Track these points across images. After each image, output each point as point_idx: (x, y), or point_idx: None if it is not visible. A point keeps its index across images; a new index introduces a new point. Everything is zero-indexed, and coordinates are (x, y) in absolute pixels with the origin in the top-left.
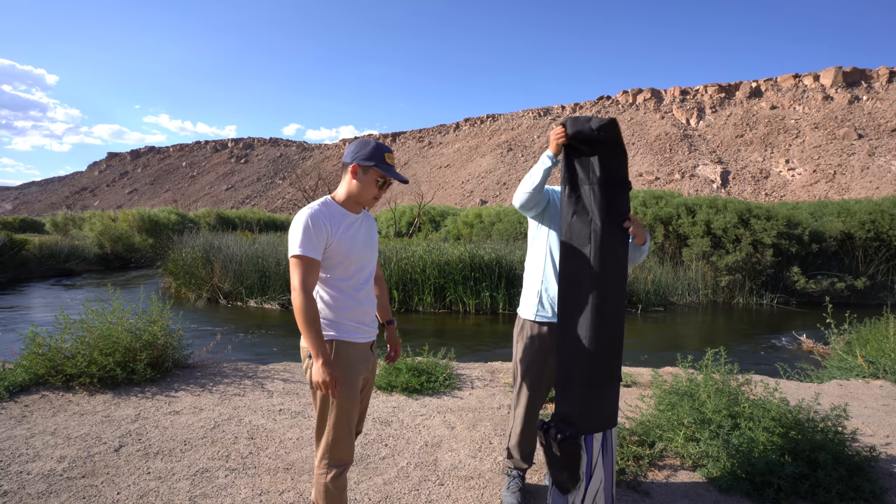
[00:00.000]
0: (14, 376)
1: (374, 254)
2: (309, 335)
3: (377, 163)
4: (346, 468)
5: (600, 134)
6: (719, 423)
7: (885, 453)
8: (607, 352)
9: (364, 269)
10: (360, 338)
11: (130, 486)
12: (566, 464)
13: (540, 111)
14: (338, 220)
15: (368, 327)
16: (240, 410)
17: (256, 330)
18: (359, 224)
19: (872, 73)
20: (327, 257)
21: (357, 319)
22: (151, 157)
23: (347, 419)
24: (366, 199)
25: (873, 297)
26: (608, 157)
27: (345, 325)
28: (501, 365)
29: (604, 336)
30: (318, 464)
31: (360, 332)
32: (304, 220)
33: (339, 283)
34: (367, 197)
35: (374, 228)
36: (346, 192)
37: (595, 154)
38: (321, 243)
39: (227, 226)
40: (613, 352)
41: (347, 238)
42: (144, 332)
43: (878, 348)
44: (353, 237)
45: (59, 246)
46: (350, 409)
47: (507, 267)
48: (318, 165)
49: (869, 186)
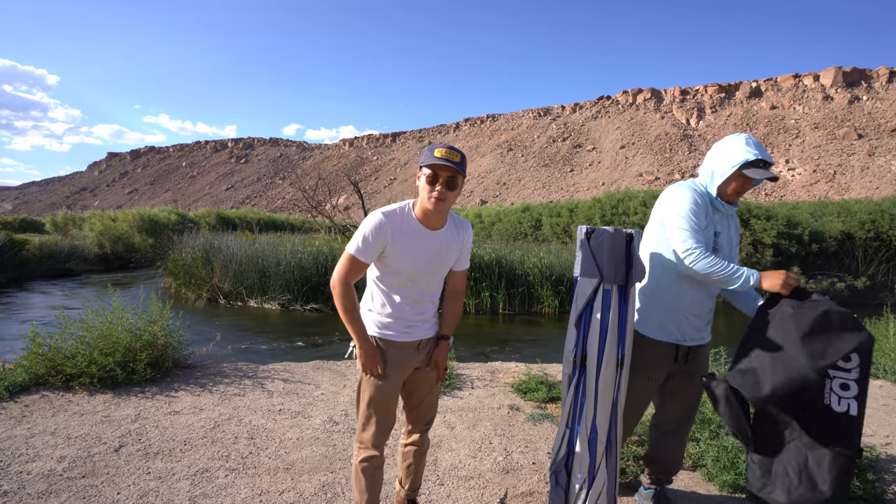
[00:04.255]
0: (14, 376)
1: (441, 271)
2: (347, 321)
3: (426, 161)
4: (375, 459)
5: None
6: (719, 423)
7: (885, 453)
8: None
9: (420, 283)
10: (401, 337)
11: (130, 486)
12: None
13: (540, 111)
14: (405, 232)
15: (414, 329)
16: (240, 410)
17: (256, 330)
18: (432, 240)
19: (872, 73)
20: (384, 264)
21: (400, 323)
22: (151, 157)
23: (375, 407)
24: (425, 202)
25: (873, 297)
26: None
27: (385, 323)
28: (501, 365)
29: None
30: (355, 444)
31: (401, 334)
32: (369, 224)
33: (390, 288)
34: (424, 198)
35: (456, 245)
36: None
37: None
38: (376, 250)
39: (227, 226)
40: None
41: (407, 253)
42: (144, 332)
43: (877, 348)
44: (414, 253)
45: (59, 246)
46: (378, 398)
47: (507, 267)
48: (318, 165)
49: (869, 186)
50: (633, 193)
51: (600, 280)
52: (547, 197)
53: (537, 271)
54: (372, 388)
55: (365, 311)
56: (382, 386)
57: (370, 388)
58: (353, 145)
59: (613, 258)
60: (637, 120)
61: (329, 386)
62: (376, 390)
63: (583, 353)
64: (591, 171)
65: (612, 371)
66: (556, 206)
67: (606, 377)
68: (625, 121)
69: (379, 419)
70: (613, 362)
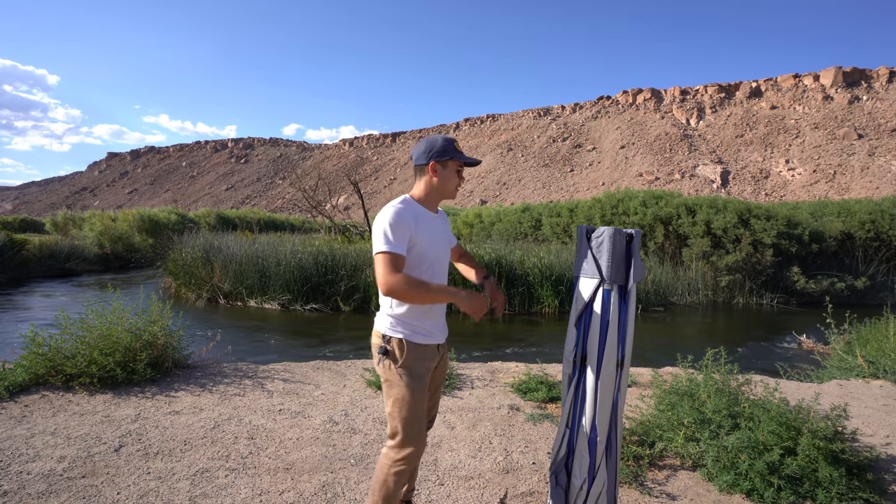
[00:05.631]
0: (14, 376)
1: (448, 251)
2: (430, 296)
3: (453, 154)
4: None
5: None
6: (719, 423)
7: (885, 453)
8: None
9: (438, 270)
10: (429, 340)
11: (130, 486)
12: None
13: (540, 111)
14: (419, 217)
15: (438, 332)
16: (240, 410)
17: (256, 330)
18: (437, 223)
19: (872, 73)
20: (413, 253)
21: (427, 324)
22: (151, 157)
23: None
24: (450, 191)
25: (873, 297)
26: None
27: (414, 326)
28: (501, 365)
29: None
30: (386, 449)
31: (429, 336)
32: (388, 217)
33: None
34: (450, 188)
35: (449, 226)
36: (425, 190)
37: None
38: (405, 237)
39: (227, 226)
40: None
41: (427, 237)
42: (144, 332)
43: (878, 348)
44: (431, 236)
45: (59, 246)
46: (419, 403)
47: (507, 267)
48: (318, 165)
49: (869, 186)
50: (633, 193)
51: (601, 281)
52: (547, 197)
53: (537, 271)
54: (414, 394)
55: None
56: (421, 390)
57: (412, 395)
58: (353, 145)
59: (614, 259)
60: (637, 120)
61: (329, 386)
62: (418, 395)
63: (583, 354)
64: (591, 171)
65: (611, 371)
66: (556, 206)
67: (606, 377)
68: (625, 121)
69: (420, 425)
70: (613, 362)
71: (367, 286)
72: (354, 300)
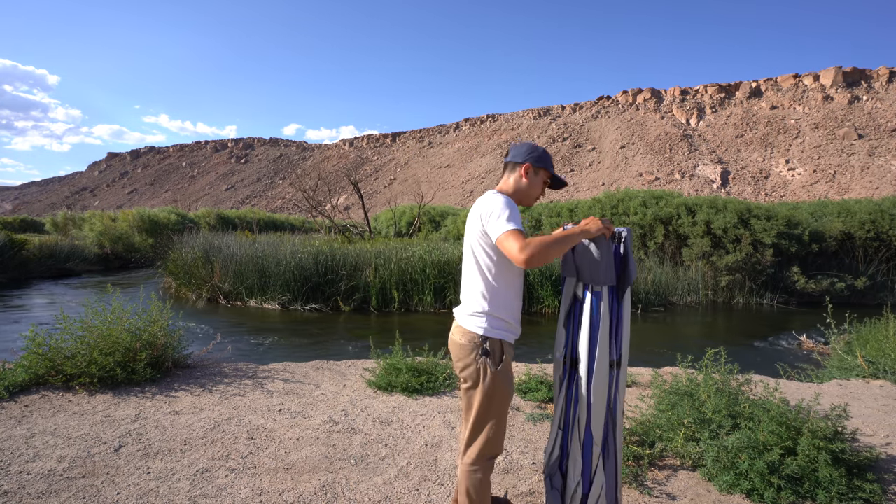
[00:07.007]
0: (14, 376)
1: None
2: (566, 242)
3: (546, 165)
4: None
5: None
6: (719, 423)
7: (885, 453)
8: None
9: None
10: (516, 338)
11: (130, 486)
12: None
13: (540, 111)
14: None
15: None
16: (240, 410)
17: (256, 330)
18: None
19: (872, 73)
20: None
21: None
22: (151, 157)
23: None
24: (531, 197)
25: (873, 297)
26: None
27: (509, 325)
28: None
29: None
30: (472, 461)
31: (516, 333)
32: (500, 202)
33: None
34: (533, 195)
35: None
36: (513, 188)
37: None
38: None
39: (227, 226)
40: None
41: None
42: (144, 332)
43: (878, 348)
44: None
45: (59, 246)
46: (507, 405)
47: None
48: (318, 165)
49: (869, 186)
50: (633, 193)
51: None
52: (547, 197)
53: (537, 271)
54: (506, 396)
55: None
56: (511, 392)
57: (503, 397)
58: (353, 145)
59: (596, 258)
60: (637, 120)
61: (329, 386)
62: (507, 398)
63: (573, 356)
64: (591, 171)
65: (605, 372)
66: (556, 206)
67: (600, 378)
68: (625, 121)
69: (504, 427)
70: (607, 363)
71: (367, 286)
72: (354, 300)
